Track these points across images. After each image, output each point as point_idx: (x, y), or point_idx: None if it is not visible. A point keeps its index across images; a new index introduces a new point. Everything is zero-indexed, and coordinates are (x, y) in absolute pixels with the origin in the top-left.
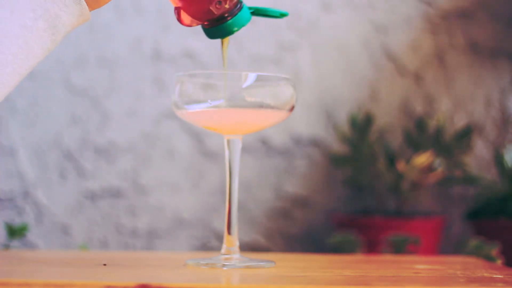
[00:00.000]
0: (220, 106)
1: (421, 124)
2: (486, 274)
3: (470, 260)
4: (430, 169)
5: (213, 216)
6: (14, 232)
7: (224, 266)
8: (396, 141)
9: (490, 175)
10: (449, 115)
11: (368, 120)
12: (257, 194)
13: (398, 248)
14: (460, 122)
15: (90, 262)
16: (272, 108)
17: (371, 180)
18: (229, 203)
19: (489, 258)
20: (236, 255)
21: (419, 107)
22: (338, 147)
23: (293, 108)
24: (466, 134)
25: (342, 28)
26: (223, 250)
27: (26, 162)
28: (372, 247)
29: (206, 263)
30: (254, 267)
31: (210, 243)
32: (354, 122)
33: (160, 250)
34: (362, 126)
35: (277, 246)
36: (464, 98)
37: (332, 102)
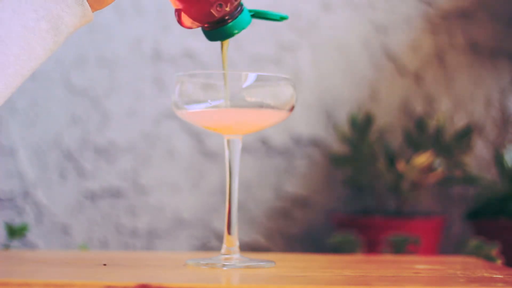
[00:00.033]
0: (220, 106)
1: (421, 124)
2: (486, 274)
3: (470, 260)
4: (430, 169)
5: (213, 216)
6: (14, 232)
7: (224, 266)
8: (396, 141)
9: (490, 175)
10: (449, 115)
11: (368, 120)
12: (257, 194)
13: (398, 248)
14: (460, 122)
15: (90, 262)
16: (272, 108)
17: (371, 180)
18: (229, 203)
19: (489, 258)
20: (236, 255)
21: (419, 107)
22: (338, 147)
23: (293, 108)
24: (466, 134)
25: (342, 28)
26: (223, 250)
27: (26, 162)
28: (372, 247)
29: (206, 263)
30: (254, 267)
31: (210, 243)
32: (354, 122)
33: (160, 250)
34: (362, 126)
35: (277, 246)
36: (464, 98)
37: (332, 102)
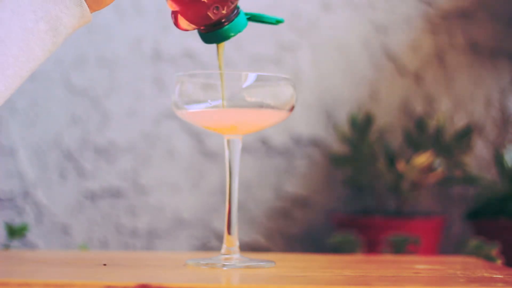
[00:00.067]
0: (220, 106)
1: (421, 124)
2: (486, 274)
3: (470, 260)
4: (430, 169)
5: (213, 216)
6: (14, 232)
7: (224, 266)
8: (396, 141)
9: (490, 175)
10: (449, 115)
11: (368, 120)
12: (257, 194)
13: (398, 248)
14: (460, 122)
15: (90, 262)
16: (272, 108)
17: (371, 180)
18: (229, 203)
19: (489, 258)
20: (236, 255)
21: (419, 107)
22: (338, 147)
23: (293, 108)
24: (466, 134)
25: (342, 28)
26: (223, 250)
27: (26, 162)
28: (372, 247)
29: (206, 263)
30: (254, 267)
31: (210, 243)
32: (354, 122)
33: (160, 250)
34: (362, 126)
35: (277, 246)
36: (464, 98)
37: (332, 102)
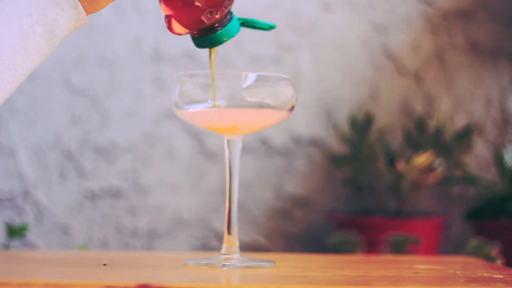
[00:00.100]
0: (220, 106)
1: (421, 124)
2: (486, 274)
3: (470, 260)
4: (430, 169)
5: (213, 216)
6: (14, 232)
7: (224, 266)
8: (396, 141)
9: (490, 175)
10: (449, 115)
11: (368, 120)
12: (257, 194)
13: (398, 248)
14: (460, 122)
15: (90, 262)
16: (272, 108)
17: (371, 180)
18: (229, 203)
19: (489, 258)
20: (236, 255)
21: (419, 107)
22: (338, 147)
23: (293, 108)
24: (466, 134)
25: (342, 28)
26: (223, 250)
27: (26, 162)
28: (372, 247)
29: (206, 263)
30: (254, 267)
31: (210, 243)
32: (354, 122)
33: (160, 250)
34: (362, 126)
35: (277, 246)
36: (464, 98)
37: (332, 102)
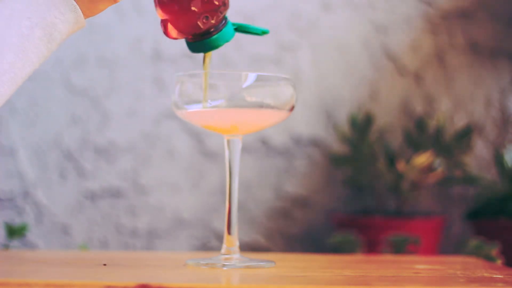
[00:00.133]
0: (220, 106)
1: (421, 124)
2: (486, 274)
3: (470, 260)
4: (430, 169)
5: (213, 216)
6: (14, 232)
7: (224, 266)
8: (396, 141)
9: (490, 175)
10: (449, 115)
11: (368, 120)
12: (257, 194)
13: (398, 248)
14: (460, 122)
15: (90, 262)
16: (272, 108)
17: (371, 180)
18: (229, 203)
19: (489, 258)
20: (236, 255)
21: (419, 107)
22: (338, 147)
23: (293, 108)
24: (466, 134)
25: (342, 28)
26: (223, 250)
27: (26, 162)
28: (372, 247)
29: (206, 263)
30: (254, 267)
31: (210, 243)
32: (354, 122)
33: (160, 250)
34: (362, 126)
35: (277, 246)
36: (464, 98)
37: (332, 102)
